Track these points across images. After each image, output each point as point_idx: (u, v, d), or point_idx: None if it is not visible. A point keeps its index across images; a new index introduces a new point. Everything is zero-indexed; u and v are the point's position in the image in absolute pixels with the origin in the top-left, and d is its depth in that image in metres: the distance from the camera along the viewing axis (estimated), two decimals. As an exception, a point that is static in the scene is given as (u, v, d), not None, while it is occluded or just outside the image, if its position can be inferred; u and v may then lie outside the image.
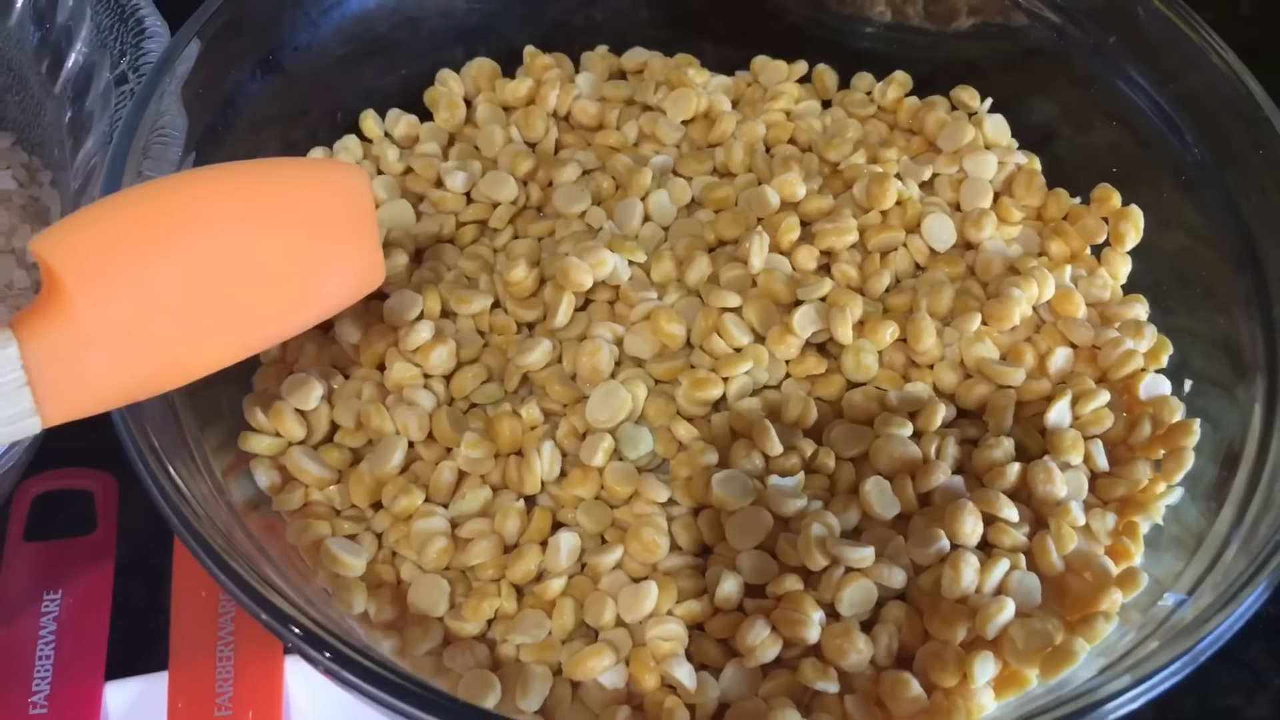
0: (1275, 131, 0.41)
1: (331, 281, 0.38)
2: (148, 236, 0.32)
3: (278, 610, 0.32)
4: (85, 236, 0.31)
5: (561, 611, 0.38)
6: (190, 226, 0.33)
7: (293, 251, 0.36)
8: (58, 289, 0.30)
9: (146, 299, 0.32)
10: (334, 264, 0.38)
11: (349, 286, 0.39)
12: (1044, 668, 0.35)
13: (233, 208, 0.34)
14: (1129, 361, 0.43)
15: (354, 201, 0.39)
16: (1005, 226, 0.48)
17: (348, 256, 0.38)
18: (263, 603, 0.32)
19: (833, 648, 0.36)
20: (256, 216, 0.35)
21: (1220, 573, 0.36)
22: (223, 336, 0.35)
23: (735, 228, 0.46)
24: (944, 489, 0.40)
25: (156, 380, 0.34)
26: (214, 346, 0.35)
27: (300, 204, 0.36)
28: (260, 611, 0.32)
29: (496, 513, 0.40)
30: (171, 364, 0.34)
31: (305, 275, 0.37)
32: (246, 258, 0.34)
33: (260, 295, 0.35)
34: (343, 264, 0.38)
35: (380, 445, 0.41)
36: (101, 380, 0.32)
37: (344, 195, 0.38)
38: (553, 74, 0.52)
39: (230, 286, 0.34)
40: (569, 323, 0.44)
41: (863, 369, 0.43)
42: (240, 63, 0.45)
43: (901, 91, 0.53)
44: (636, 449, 0.41)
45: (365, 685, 0.31)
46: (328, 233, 0.37)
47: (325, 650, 0.31)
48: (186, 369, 0.34)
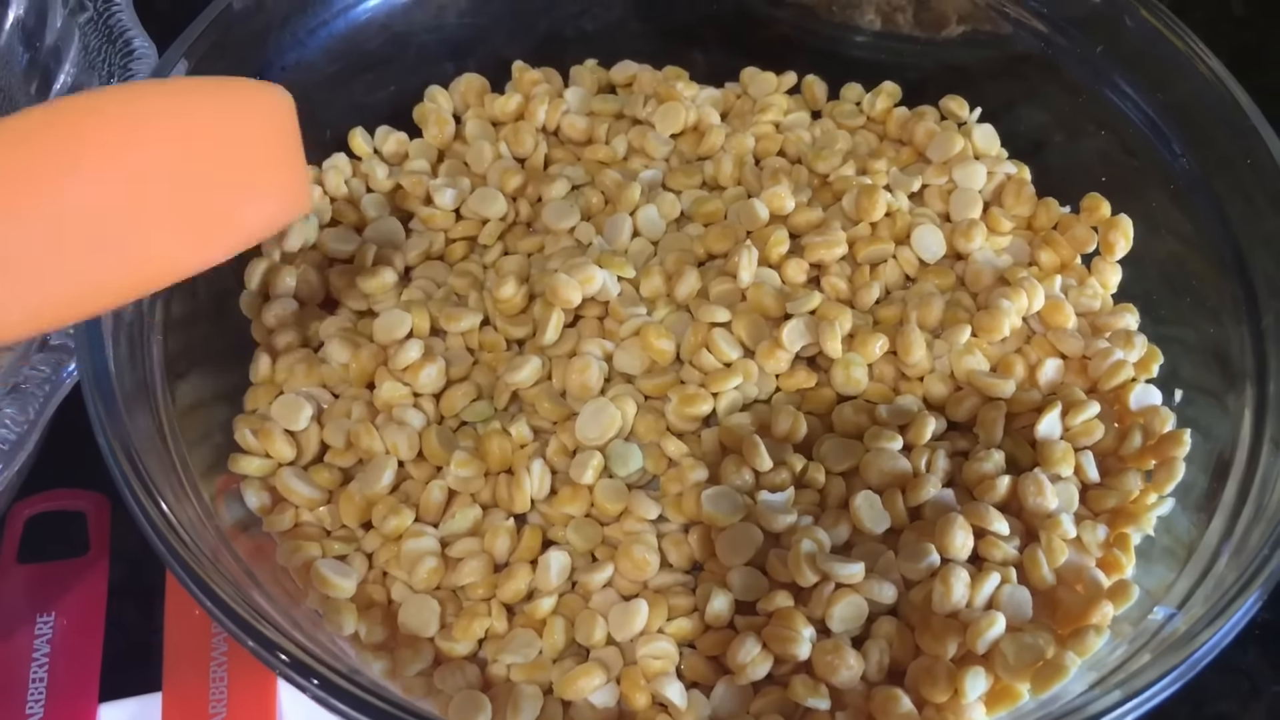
0: (1262, 139, 0.41)
1: (254, 204, 0.36)
2: (56, 153, 0.31)
3: (263, 636, 0.32)
4: None
5: (552, 630, 0.38)
6: (100, 143, 0.32)
7: (210, 172, 0.34)
8: None
9: (56, 219, 0.31)
10: (256, 186, 0.36)
11: (273, 210, 0.38)
12: (1035, 683, 0.35)
13: (145, 127, 0.33)
14: (1119, 372, 0.43)
15: (276, 123, 0.37)
16: (995, 237, 0.48)
17: (270, 179, 0.37)
18: (248, 629, 0.32)
19: (823, 664, 0.36)
20: (169, 135, 0.33)
21: (1211, 584, 0.36)
22: (139, 260, 0.33)
23: (724, 242, 0.46)
24: (934, 502, 0.40)
25: (72, 306, 0.32)
26: (130, 271, 0.33)
27: (218, 124, 0.35)
28: (246, 638, 0.32)
29: (486, 532, 0.40)
30: (86, 288, 0.32)
31: (225, 197, 0.35)
32: (161, 179, 0.33)
33: (178, 218, 0.33)
34: (265, 187, 0.37)
35: (370, 465, 0.41)
36: (9, 306, 0.31)
37: (265, 116, 0.37)
38: (541, 89, 0.52)
39: (145, 209, 0.33)
40: (558, 339, 0.44)
41: (852, 382, 0.43)
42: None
43: (890, 102, 0.53)
44: (626, 466, 0.41)
45: (353, 712, 0.31)
46: (247, 153, 0.36)
47: (311, 677, 0.31)
48: (103, 294, 0.33)
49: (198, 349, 0.42)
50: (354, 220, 0.48)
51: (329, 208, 0.48)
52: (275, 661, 0.31)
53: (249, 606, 0.33)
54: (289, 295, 0.45)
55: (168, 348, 0.41)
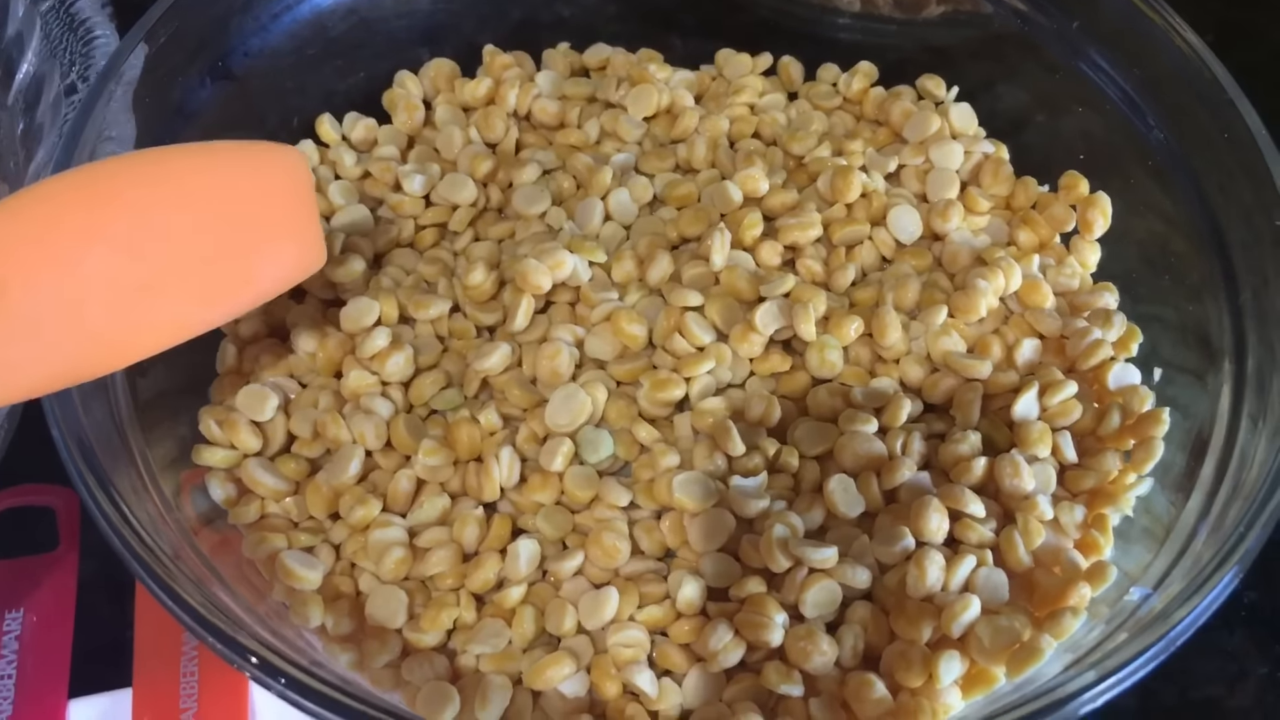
0: (1240, 113, 0.41)
1: (270, 263, 0.37)
2: (79, 224, 0.31)
3: (222, 633, 0.31)
4: (17, 223, 0.31)
5: (521, 620, 0.37)
6: (122, 212, 0.32)
7: (228, 235, 0.35)
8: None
9: (79, 285, 0.31)
10: (272, 246, 0.37)
11: (288, 268, 0.38)
12: (1010, 665, 0.35)
13: (166, 192, 0.34)
14: (1097, 351, 0.42)
15: (291, 183, 0.38)
16: (972, 217, 0.47)
17: (286, 238, 0.38)
18: (207, 626, 0.31)
19: (796, 650, 0.36)
20: (190, 200, 0.34)
21: (1189, 562, 0.35)
22: (157, 321, 0.34)
23: (698, 225, 0.46)
24: (910, 485, 0.39)
25: (89, 365, 0.33)
26: (148, 331, 0.34)
27: (235, 187, 0.36)
28: (208, 636, 0.31)
29: (455, 521, 0.39)
30: (104, 350, 0.33)
31: (242, 258, 0.36)
32: (180, 242, 0.34)
33: (196, 279, 0.34)
34: (281, 246, 0.38)
35: (337, 455, 0.40)
36: (34, 365, 0.31)
37: (280, 177, 0.38)
38: (512, 73, 0.51)
39: (164, 271, 0.33)
40: (528, 326, 0.43)
41: (827, 365, 0.42)
42: (188, 69, 0.44)
43: (867, 82, 0.52)
44: (597, 452, 0.40)
45: (320, 709, 0.30)
46: (264, 215, 0.37)
47: (276, 675, 0.30)
48: (120, 354, 0.34)
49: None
50: (322, 209, 0.47)
51: (296, 196, 0.47)
52: (236, 659, 0.31)
53: (210, 604, 0.32)
54: (255, 284, 0.44)
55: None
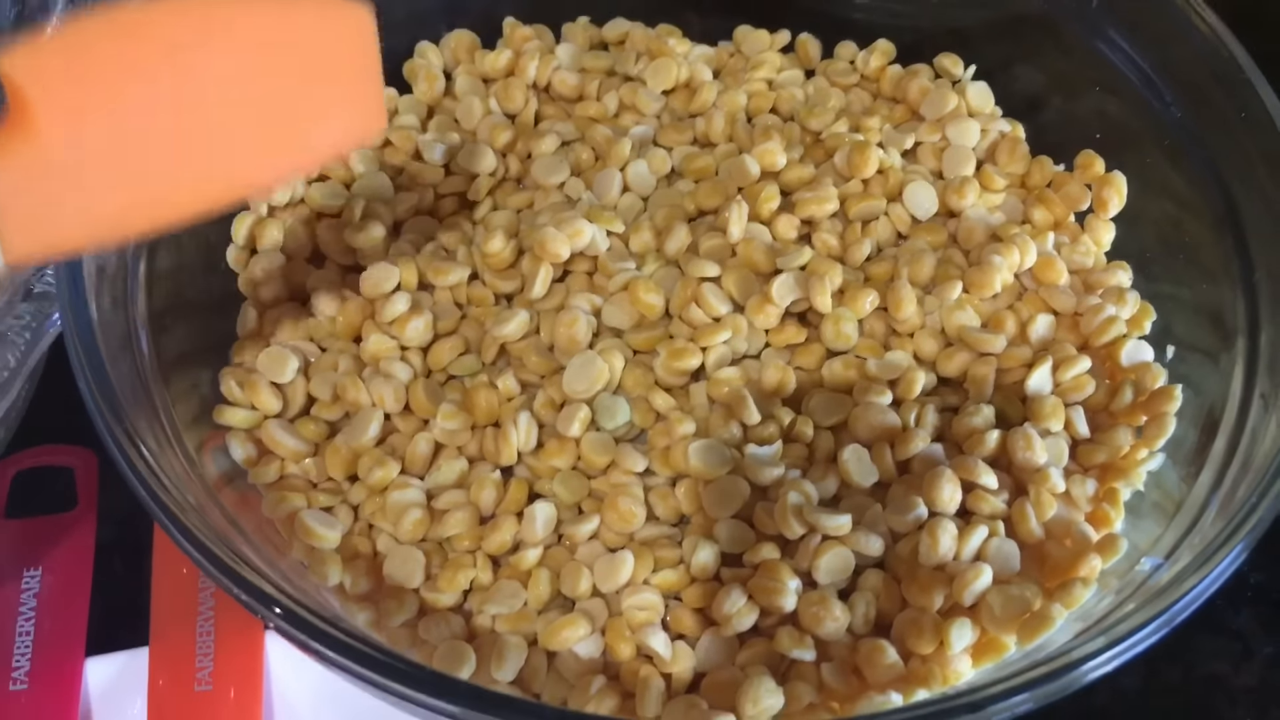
0: (1257, 93, 0.41)
1: (329, 122, 0.35)
2: (126, 59, 0.29)
3: (250, 585, 0.31)
4: (57, 54, 0.29)
5: (537, 582, 0.38)
6: (173, 50, 0.30)
7: (286, 87, 0.33)
8: (25, 110, 0.28)
9: (122, 125, 0.29)
10: (332, 103, 0.35)
11: (347, 130, 0.36)
12: (1021, 634, 0.35)
13: (220, 33, 0.31)
14: (1111, 328, 0.42)
15: (353, 39, 0.35)
16: (988, 194, 0.47)
17: (347, 96, 0.35)
18: (235, 578, 0.31)
19: (809, 616, 0.36)
20: (246, 45, 0.32)
21: (1198, 536, 0.35)
22: (205, 174, 0.32)
23: (715, 197, 0.46)
24: (923, 457, 0.40)
25: (131, 218, 0.31)
26: (195, 185, 0.32)
27: (294, 35, 0.33)
28: (233, 587, 0.31)
29: (472, 484, 0.39)
30: (147, 201, 0.31)
31: (299, 113, 0.34)
32: (234, 89, 0.31)
33: (249, 131, 0.32)
34: (341, 104, 0.35)
35: (356, 417, 0.41)
36: (71, 214, 0.29)
37: (344, 30, 0.35)
38: (532, 45, 0.51)
39: (215, 119, 0.31)
40: (546, 294, 0.43)
41: (842, 338, 0.42)
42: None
43: (884, 60, 0.52)
44: (614, 419, 0.40)
45: (342, 659, 0.30)
46: (325, 69, 0.34)
47: (302, 628, 0.31)
48: (164, 208, 0.31)
49: (184, 301, 0.42)
50: (342, 176, 0.47)
51: (317, 162, 0.47)
52: (262, 609, 0.31)
53: (237, 556, 0.33)
54: (276, 249, 0.44)
55: (152, 300, 0.40)
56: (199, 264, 0.44)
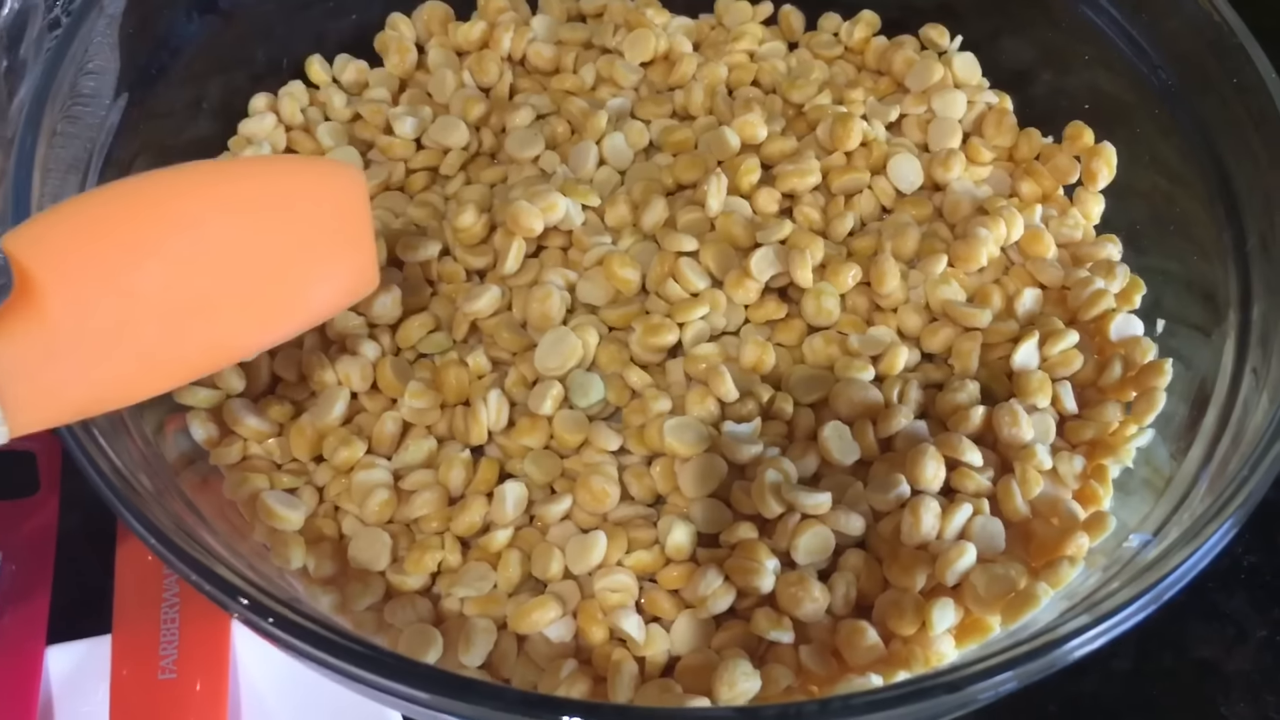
0: (1249, 57, 0.40)
1: (323, 285, 0.36)
2: (130, 235, 0.30)
3: (211, 574, 0.30)
4: (63, 233, 0.29)
5: (507, 564, 0.36)
6: (175, 226, 0.31)
7: (282, 254, 0.34)
8: (31, 289, 0.28)
9: (127, 301, 0.30)
10: (326, 267, 0.36)
11: (341, 290, 0.37)
12: (1005, 614, 0.34)
13: (219, 207, 0.32)
14: (1099, 301, 0.41)
15: (347, 202, 0.36)
16: (975, 167, 0.46)
17: (340, 259, 0.36)
18: (194, 565, 0.30)
19: (787, 597, 0.35)
20: (244, 217, 0.33)
21: (1188, 511, 0.34)
22: (207, 342, 0.32)
23: (694, 171, 0.45)
24: (906, 434, 0.38)
25: (135, 387, 0.31)
26: (198, 352, 0.32)
27: (291, 204, 0.34)
28: (191, 574, 0.30)
29: (441, 464, 0.38)
30: (151, 370, 0.31)
31: (295, 279, 0.35)
32: (233, 260, 0.32)
33: (247, 299, 0.33)
34: (335, 267, 0.36)
35: (322, 396, 0.40)
36: (76, 387, 0.30)
37: (337, 195, 0.36)
38: (507, 16, 0.50)
39: (216, 290, 0.32)
40: (519, 269, 0.42)
41: (824, 313, 0.41)
42: (174, 3, 0.43)
43: (869, 31, 0.51)
44: (587, 396, 0.39)
45: (306, 647, 0.29)
46: (319, 235, 0.35)
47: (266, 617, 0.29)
48: (168, 375, 0.32)
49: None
50: (310, 150, 0.46)
51: (284, 137, 0.46)
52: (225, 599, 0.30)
53: (196, 544, 0.31)
54: (241, 225, 0.43)
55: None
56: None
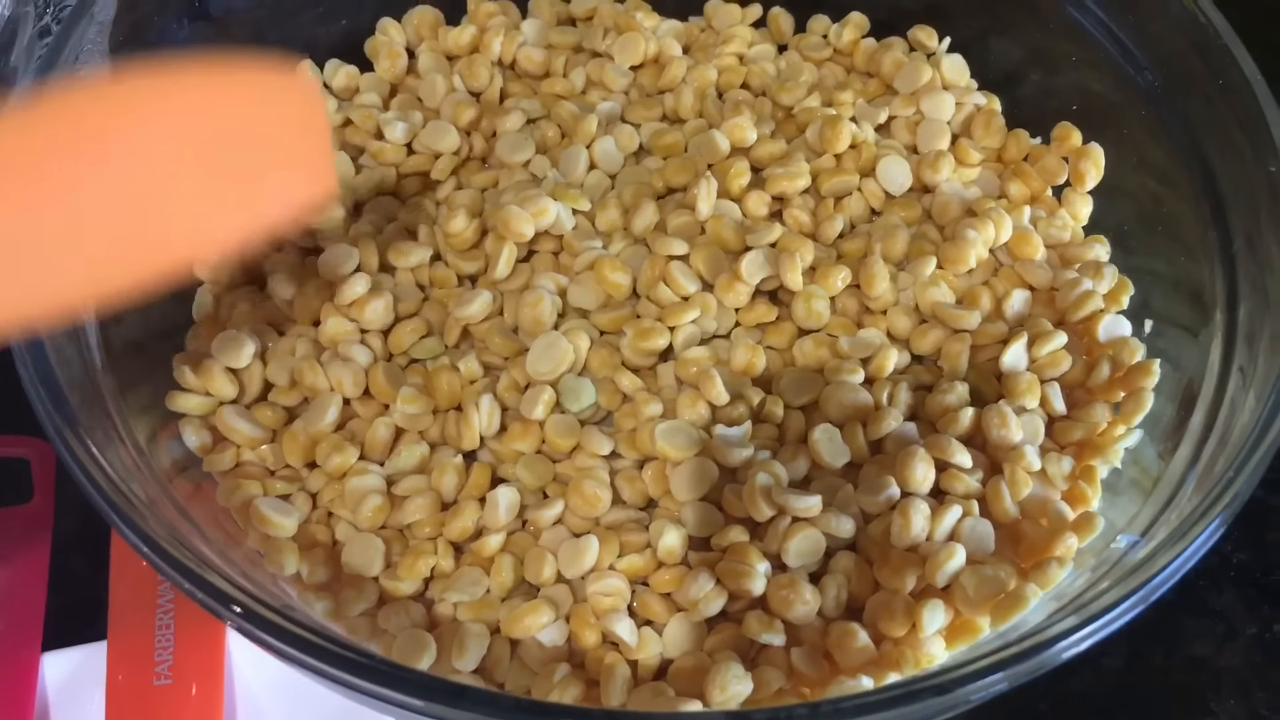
0: (1235, 59, 0.40)
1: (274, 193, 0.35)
2: (69, 140, 0.29)
3: (205, 583, 0.30)
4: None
5: (500, 569, 0.37)
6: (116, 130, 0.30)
7: (231, 159, 0.33)
8: None
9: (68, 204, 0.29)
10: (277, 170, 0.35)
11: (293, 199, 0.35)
12: (994, 615, 0.34)
13: (162, 110, 0.31)
14: (1087, 302, 0.41)
15: (298, 109, 0.35)
16: (963, 169, 0.46)
17: (293, 163, 0.35)
18: (187, 574, 0.30)
19: (778, 599, 0.35)
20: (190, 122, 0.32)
21: (1175, 511, 0.34)
22: (154, 245, 0.31)
23: (684, 174, 0.45)
24: (896, 436, 0.39)
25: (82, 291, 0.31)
26: (145, 256, 0.31)
27: (239, 109, 0.33)
28: (184, 582, 0.30)
29: (434, 469, 0.38)
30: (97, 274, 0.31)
31: (245, 181, 0.33)
32: (179, 165, 0.31)
33: (194, 201, 0.32)
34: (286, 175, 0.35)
35: (314, 402, 0.40)
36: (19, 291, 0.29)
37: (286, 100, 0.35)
38: (497, 21, 0.50)
39: (161, 191, 0.31)
40: (510, 274, 0.42)
41: (814, 316, 0.41)
42: (164, 9, 0.43)
43: (858, 33, 0.51)
44: (578, 401, 0.39)
45: (300, 655, 0.29)
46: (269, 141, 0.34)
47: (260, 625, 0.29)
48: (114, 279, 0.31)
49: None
50: (302, 155, 0.46)
51: (275, 142, 0.46)
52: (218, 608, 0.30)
53: (189, 552, 0.32)
54: (232, 231, 0.43)
55: (102, 284, 0.39)
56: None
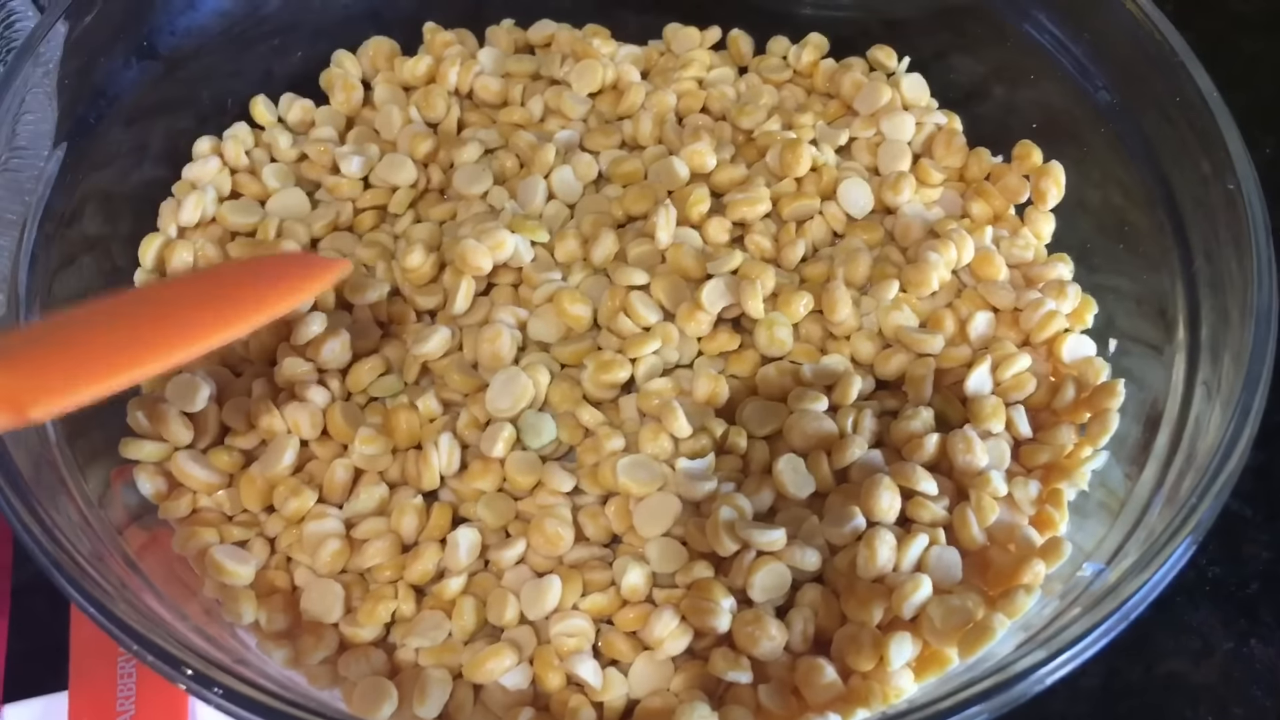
0: (1190, 76, 0.40)
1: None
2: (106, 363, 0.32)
3: (145, 639, 0.30)
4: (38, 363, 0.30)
5: (462, 611, 0.36)
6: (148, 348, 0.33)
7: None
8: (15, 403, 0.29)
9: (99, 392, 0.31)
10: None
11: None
12: (961, 646, 0.34)
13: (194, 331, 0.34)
14: (1051, 323, 0.41)
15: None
16: (925, 189, 0.46)
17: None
18: (135, 636, 0.30)
19: (744, 635, 0.34)
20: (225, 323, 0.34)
21: (1143, 534, 0.34)
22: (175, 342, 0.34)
23: (644, 202, 0.44)
24: (862, 464, 0.38)
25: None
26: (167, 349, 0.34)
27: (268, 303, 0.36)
28: (131, 643, 0.30)
29: (393, 511, 0.38)
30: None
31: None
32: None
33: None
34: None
35: (271, 445, 0.39)
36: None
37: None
38: (453, 50, 0.50)
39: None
40: (469, 308, 0.42)
41: (776, 343, 0.41)
42: (111, 50, 0.43)
43: (817, 54, 0.51)
44: (539, 437, 0.39)
45: (247, 714, 0.29)
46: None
47: (212, 686, 0.29)
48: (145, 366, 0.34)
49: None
50: (256, 192, 0.46)
51: (229, 180, 0.45)
52: (170, 671, 0.29)
53: (136, 611, 0.31)
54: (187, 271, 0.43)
55: (53, 330, 0.38)
56: (105, 290, 0.42)
